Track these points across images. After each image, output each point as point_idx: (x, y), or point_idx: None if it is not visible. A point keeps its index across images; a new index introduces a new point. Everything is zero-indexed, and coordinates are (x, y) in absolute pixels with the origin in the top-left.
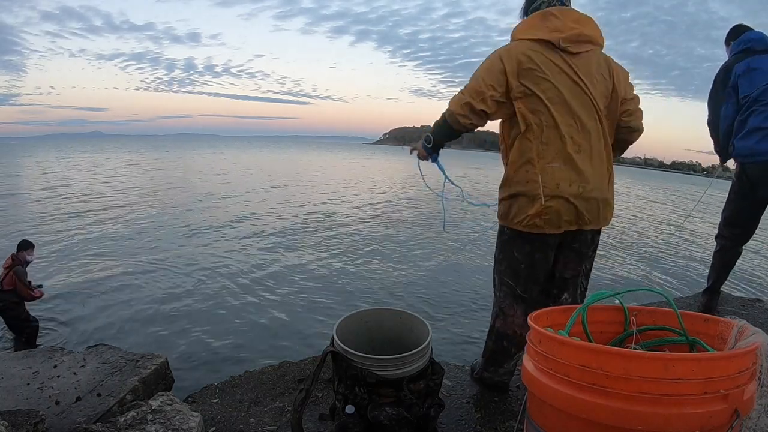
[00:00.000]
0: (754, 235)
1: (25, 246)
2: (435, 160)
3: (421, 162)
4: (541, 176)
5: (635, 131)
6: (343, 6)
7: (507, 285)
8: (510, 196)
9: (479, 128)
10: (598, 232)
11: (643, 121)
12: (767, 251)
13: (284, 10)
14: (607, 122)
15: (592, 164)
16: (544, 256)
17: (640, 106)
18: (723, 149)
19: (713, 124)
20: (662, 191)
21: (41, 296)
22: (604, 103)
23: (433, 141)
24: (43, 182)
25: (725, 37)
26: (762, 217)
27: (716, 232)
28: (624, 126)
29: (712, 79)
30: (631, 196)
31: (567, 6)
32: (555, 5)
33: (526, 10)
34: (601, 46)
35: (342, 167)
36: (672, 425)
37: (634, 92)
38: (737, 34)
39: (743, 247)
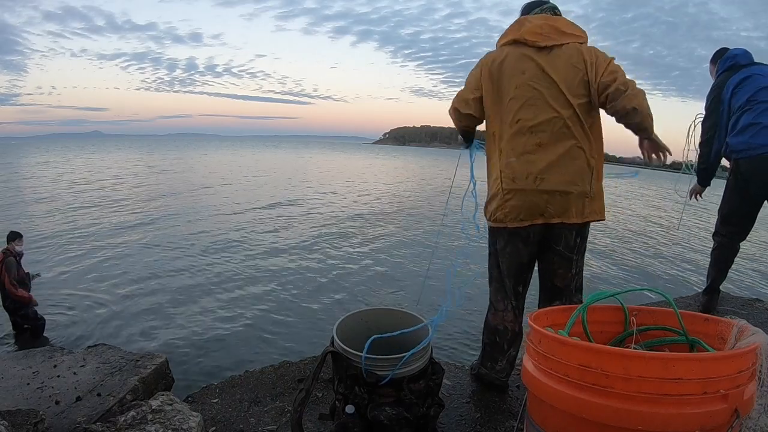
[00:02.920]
0: (754, 235)
1: (13, 237)
2: (468, 148)
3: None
4: (501, 172)
5: (627, 113)
6: (345, 6)
7: (496, 279)
8: (490, 194)
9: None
10: (581, 231)
11: (638, 101)
12: (766, 251)
13: (286, 10)
14: (586, 114)
15: (554, 157)
16: (517, 248)
17: (627, 88)
18: (709, 169)
19: (707, 144)
20: (662, 191)
21: (26, 299)
22: (580, 94)
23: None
24: (45, 182)
25: (711, 57)
26: (761, 216)
27: (713, 230)
28: (613, 112)
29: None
30: (631, 195)
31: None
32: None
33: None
34: (580, 41)
35: (344, 167)
36: (672, 425)
37: (616, 75)
38: (723, 54)
39: (742, 246)
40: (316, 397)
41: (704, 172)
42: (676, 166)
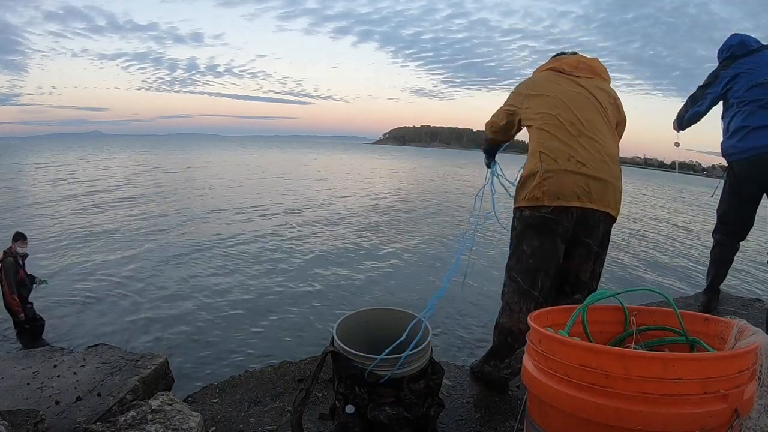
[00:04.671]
0: (755, 235)
1: (16, 238)
2: (491, 166)
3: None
4: (540, 155)
5: None
6: (346, 6)
7: (515, 281)
8: (521, 181)
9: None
10: (608, 227)
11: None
12: (766, 251)
13: (288, 10)
14: (614, 129)
15: (594, 148)
16: (553, 246)
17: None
18: (683, 120)
19: (684, 106)
20: (664, 191)
21: (14, 306)
22: (611, 114)
23: (485, 153)
24: (49, 184)
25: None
26: (761, 216)
27: (713, 230)
28: None
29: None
30: (632, 195)
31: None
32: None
33: None
34: (606, 80)
35: (345, 166)
36: (672, 425)
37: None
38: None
39: (742, 246)
40: (316, 397)
41: (677, 120)
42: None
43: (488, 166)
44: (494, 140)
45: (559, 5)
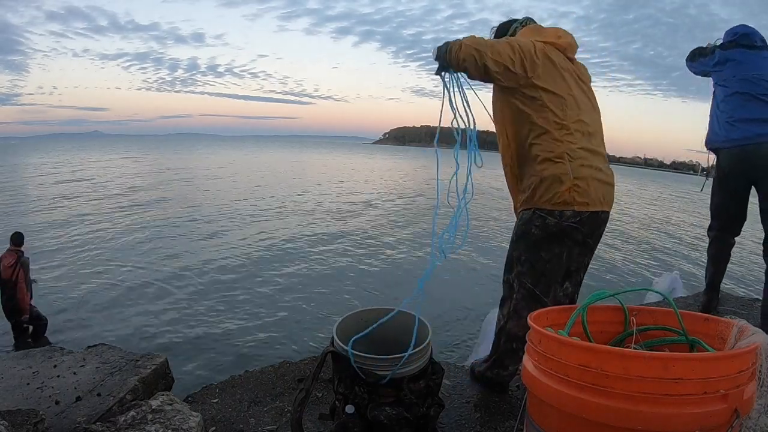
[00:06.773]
0: (754, 235)
1: (20, 240)
2: (443, 75)
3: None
4: (567, 157)
5: None
6: (348, 7)
7: (525, 287)
8: (534, 181)
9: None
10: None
11: None
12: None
13: (289, 10)
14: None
15: (601, 151)
16: (571, 253)
17: None
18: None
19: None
20: (665, 190)
21: (25, 306)
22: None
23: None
24: (47, 183)
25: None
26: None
27: (708, 227)
28: None
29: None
30: (634, 195)
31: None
32: (529, 25)
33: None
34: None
35: (344, 166)
36: (672, 425)
37: None
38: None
39: (742, 247)
40: (316, 397)
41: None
42: (675, 166)
43: (443, 70)
44: (459, 65)
45: (560, 6)
